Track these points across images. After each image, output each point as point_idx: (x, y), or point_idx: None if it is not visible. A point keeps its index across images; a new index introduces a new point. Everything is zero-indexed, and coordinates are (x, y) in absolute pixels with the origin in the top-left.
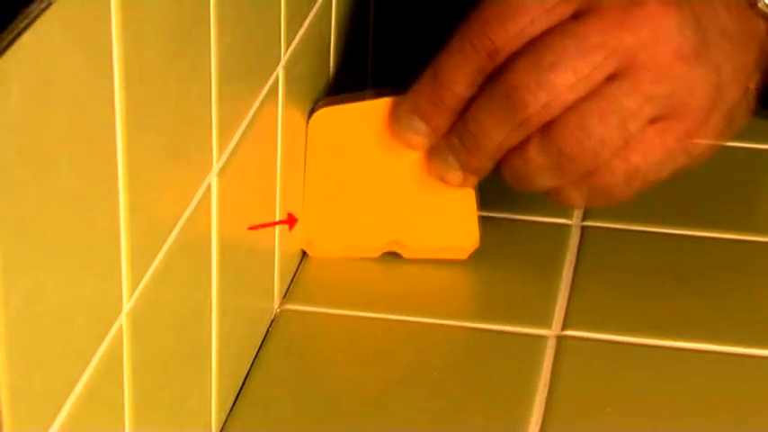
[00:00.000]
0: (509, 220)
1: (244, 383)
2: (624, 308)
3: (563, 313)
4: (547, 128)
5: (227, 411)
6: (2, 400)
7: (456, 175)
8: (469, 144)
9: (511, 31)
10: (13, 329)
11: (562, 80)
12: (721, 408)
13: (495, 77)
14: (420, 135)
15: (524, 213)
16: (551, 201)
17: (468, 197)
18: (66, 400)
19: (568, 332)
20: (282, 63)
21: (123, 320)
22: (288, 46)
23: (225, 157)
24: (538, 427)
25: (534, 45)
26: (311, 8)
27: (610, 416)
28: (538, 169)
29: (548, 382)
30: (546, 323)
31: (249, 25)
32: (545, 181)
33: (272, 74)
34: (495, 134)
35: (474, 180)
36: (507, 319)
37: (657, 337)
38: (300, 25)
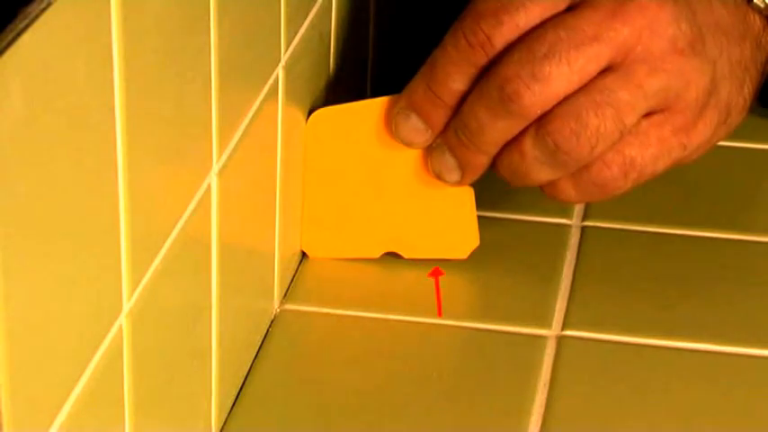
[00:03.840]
0: (509, 220)
1: (244, 383)
2: (624, 308)
3: (563, 313)
4: (542, 121)
5: (227, 411)
6: (2, 400)
7: (453, 173)
8: (466, 139)
9: (505, 24)
10: (13, 329)
11: (556, 71)
12: (721, 408)
13: (490, 70)
14: (417, 132)
15: (524, 213)
16: (547, 194)
17: (467, 196)
18: (67, 400)
19: (568, 332)
20: (282, 63)
21: (123, 320)
22: (288, 46)
23: (225, 157)
24: (538, 427)
25: (528, 37)
26: (311, 8)
27: (610, 416)
28: (533, 162)
29: (548, 382)
30: (546, 323)
31: (249, 25)
32: (540, 174)
33: (272, 74)
34: (490, 127)
35: (471, 178)
36: (507, 319)
37: (657, 337)
38: (300, 25)
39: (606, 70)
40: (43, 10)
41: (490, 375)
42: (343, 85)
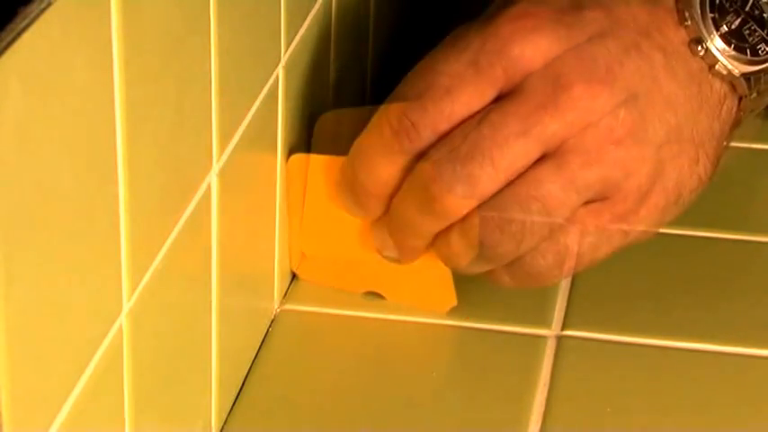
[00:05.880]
0: None
1: (244, 383)
2: (624, 308)
3: (563, 313)
4: (468, 213)
5: (227, 411)
6: (2, 400)
7: (392, 253)
8: (397, 228)
9: (430, 113)
10: (13, 329)
11: (480, 172)
12: (721, 408)
13: (416, 166)
14: (359, 213)
15: None
16: (486, 280)
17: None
18: (67, 400)
19: (568, 332)
20: (282, 63)
21: (123, 320)
22: (288, 46)
23: (225, 157)
24: (538, 427)
25: (451, 134)
26: (311, 8)
27: (610, 416)
28: (462, 255)
29: (548, 382)
30: (546, 323)
31: (249, 25)
32: (471, 267)
33: (272, 74)
34: (417, 221)
35: (410, 259)
36: (507, 319)
37: (657, 337)
38: (300, 25)
39: (540, 160)
40: (43, 10)
41: (490, 375)
42: (344, 85)
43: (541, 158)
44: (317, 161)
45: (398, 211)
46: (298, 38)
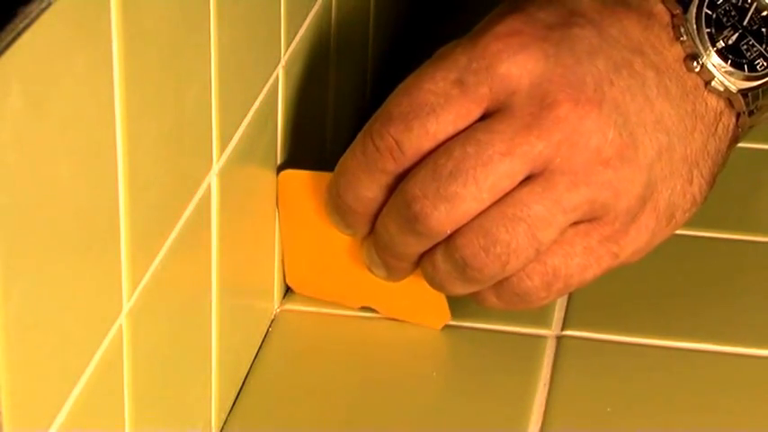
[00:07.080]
0: None
1: (244, 383)
2: (624, 308)
3: (563, 313)
4: (452, 235)
5: (227, 411)
6: (2, 400)
7: (380, 270)
8: (382, 248)
9: (414, 130)
10: (13, 329)
11: (463, 191)
12: (721, 408)
13: (399, 185)
14: (347, 231)
15: None
16: (474, 301)
17: None
18: (67, 400)
19: (568, 332)
20: (282, 63)
21: (123, 320)
22: (288, 46)
23: (225, 157)
24: (538, 427)
25: (435, 153)
26: (311, 8)
27: (610, 416)
28: (446, 276)
29: (548, 382)
30: (546, 323)
31: (249, 25)
32: (456, 288)
33: (272, 74)
34: (400, 242)
35: (398, 278)
36: (507, 319)
37: (658, 337)
38: (300, 25)
39: (527, 180)
40: (43, 10)
41: (490, 375)
42: (344, 85)
43: (528, 179)
44: (307, 177)
45: (382, 231)
46: (298, 38)
